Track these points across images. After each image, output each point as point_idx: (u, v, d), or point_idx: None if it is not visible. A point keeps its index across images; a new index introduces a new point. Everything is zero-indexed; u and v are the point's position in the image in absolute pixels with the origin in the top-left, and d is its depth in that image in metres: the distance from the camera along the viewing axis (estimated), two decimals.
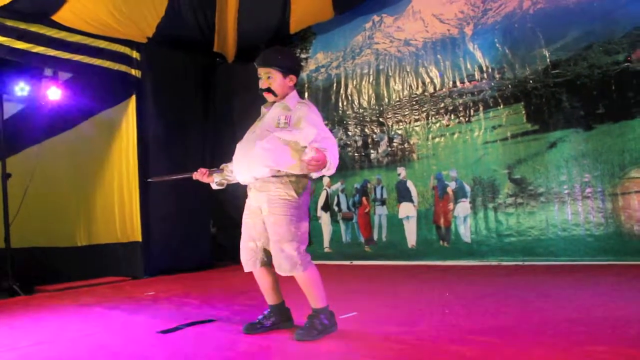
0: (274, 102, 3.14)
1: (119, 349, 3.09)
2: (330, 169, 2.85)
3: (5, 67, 7.13)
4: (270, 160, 2.92)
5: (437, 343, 2.67)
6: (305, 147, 2.82)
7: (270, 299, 3.20)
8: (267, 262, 3.08)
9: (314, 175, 3.02)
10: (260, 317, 3.20)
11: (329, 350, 2.69)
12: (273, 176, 2.96)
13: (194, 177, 3.30)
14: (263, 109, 3.23)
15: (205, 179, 3.27)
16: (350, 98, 7.34)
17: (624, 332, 2.62)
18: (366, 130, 7.16)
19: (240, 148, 3.12)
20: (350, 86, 7.35)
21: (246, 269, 3.17)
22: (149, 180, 3.40)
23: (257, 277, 3.17)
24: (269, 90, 3.10)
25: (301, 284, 2.96)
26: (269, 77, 3.09)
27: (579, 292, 3.83)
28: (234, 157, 3.13)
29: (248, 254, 3.12)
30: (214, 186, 3.32)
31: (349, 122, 7.32)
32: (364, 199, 7.04)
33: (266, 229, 3.01)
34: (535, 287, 4.20)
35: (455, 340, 2.70)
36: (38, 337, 3.59)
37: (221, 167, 3.30)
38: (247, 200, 3.17)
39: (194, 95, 8.22)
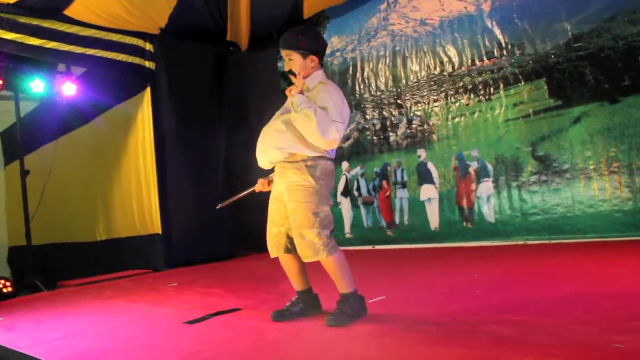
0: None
1: (148, 340, 3.05)
2: (303, 120, 2.77)
3: (19, 65, 7.14)
4: (282, 142, 2.87)
5: (474, 323, 2.58)
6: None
7: (297, 285, 3.13)
8: (292, 248, 3.01)
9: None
10: (287, 304, 3.14)
11: (362, 334, 2.62)
12: (288, 161, 2.91)
13: (257, 190, 3.20)
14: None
15: (267, 188, 3.17)
16: (367, 81, 7.23)
17: None
18: (384, 113, 7.04)
19: (262, 132, 3.06)
20: (366, 69, 7.23)
21: (272, 255, 3.11)
22: (218, 207, 3.36)
23: (283, 263, 3.11)
24: (291, 72, 3.03)
25: (327, 269, 2.89)
26: (290, 60, 3.04)
27: (612, 268, 3.72)
28: (258, 141, 3.07)
29: (272, 240, 3.07)
30: None
31: (367, 106, 7.21)
32: (384, 182, 6.94)
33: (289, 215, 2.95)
34: (566, 265, 4.10)
35: (491, 320, 2.61)
36: (65, 331, 3.57)
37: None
38: (272, 186, 3.11)
39: (208, 85, 8.18)
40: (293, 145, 2.87)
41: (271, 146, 2.91)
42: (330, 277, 2.92)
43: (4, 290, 5.98)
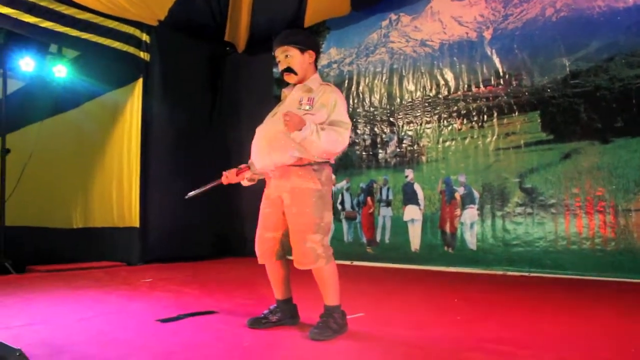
0: (295, 84, 3.02)
1: (118, 335, 2.95)
2: (310, 146, 2.74)
3: (11, 42, 7.00)
4: (292, 146, 2.77)
5: (453, 349, 2.54)
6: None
7: (279, 293, 3.06)
8: (283, 254, 2.97)
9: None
10: (265, 311, 3.07)
11: (341, 351, 2.56)
12: (295, 165, 2.82)
13: (225, 183, 3.12)
14: (284, 92, 3.10)
15: (235, 179, 3.09)
16: (361, 96, 7.22)
17: None
18: (376, 129, 7.02)
19: (261, 133, 2.97)
20: (362, 84, 7.22)
21: (261, 261, 3.02)
22: (187, 197, 3.26)
23: (270, 270, 3.03)
24: (288, 70, 2.96)
25: (319, 278, 2.82)
26: (287, 56, 2.96)
27: (593, 307, 3.71)
28: (253, 142, 2.99)
29: (265, 245, 2.98)
30: (245, 183, 3.14)
31: (359, 120, 7.18)
32: (368, 199, 6.90)
33: (285, 220, 2.87)
34: (547, 299, 4.08)
35: (471, 347, 2.57)
36: (31, 318, 3.45)
37: (249, 162, 3.11)
38: (265, 190, 3.03)
39: (201, 82, 8.11)
40: (304, 151, 2.79)
41: (279, 149, 2.80)
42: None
43: None
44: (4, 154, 6.69)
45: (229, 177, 3.10)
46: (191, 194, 3.25)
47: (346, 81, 7.37)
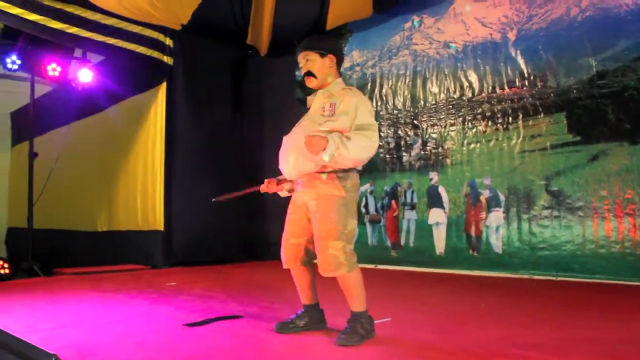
0: (318, 90, 3.03)
1: (145, 338, 2.97)
2: (339, 159, 2.73)
3: (38, 47, 7.11)
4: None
5: (481, 354, 2.52)
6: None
7: (305, 298, 3.06)
8: (308, 261, 2.97)
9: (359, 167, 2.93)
10: (293, 316, 3.07)
11: (369, 357, 2.55)
12: (320, 172, 2.83)
13: (262, 190, 3.12)
14: (309, 99, 3.10)
15: (274, 189, 3.09)
16: (384, 98, 7.18)
17: None
18: (399, 132, 6.99)
19: (287, 142, 2.98)
20: (385, 86, 7.19)
21: (285, 266, 3.03)
22: (214, 200, 3.27)
23: (295, 276, 3.04)
24: (309, 74, 2.99)
25: (343, 286, 2.81)
26: (307, 61, 2.99)
27: (624, 312, 3.65)
28: (280, 151, 3.00)
29: (290, 251, 2.99)
30: (284, 194, 3.13)
31: (382, 123, 7.13)
32: (393, 202, 6.87)
33: (310, 227, 2.88)
34: (575, 304, 4.02)
35: (499, 353, 2.54)
36: (60, 321, 3.50)
37: None
38: (292, 196, 3.05)
39: (224, 85, 8.14)
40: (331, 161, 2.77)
41: (304, 158, 2.81)
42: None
43: (1, 271, 5.88)
44: (32, 158, 6.79)
45: (269, 185, 3.10)
46: (220, 197, 3.25)
47: (369, 84, 7.35)
